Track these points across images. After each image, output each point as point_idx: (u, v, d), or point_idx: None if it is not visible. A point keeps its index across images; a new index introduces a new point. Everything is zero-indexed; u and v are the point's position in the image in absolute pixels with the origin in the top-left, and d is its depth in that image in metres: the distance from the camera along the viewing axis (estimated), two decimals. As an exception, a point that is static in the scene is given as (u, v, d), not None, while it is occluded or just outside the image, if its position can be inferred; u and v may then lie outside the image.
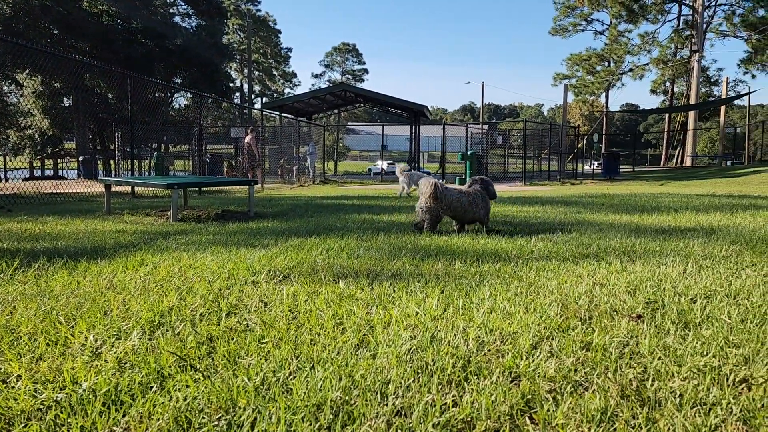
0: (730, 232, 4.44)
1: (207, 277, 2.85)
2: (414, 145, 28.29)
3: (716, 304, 2.24)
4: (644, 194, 10.20)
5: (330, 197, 10.77)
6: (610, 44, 46.72)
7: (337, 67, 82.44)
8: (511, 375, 1.58)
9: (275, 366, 1.64)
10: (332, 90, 28.66)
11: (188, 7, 40.49)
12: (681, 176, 23.89)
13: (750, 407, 1.33)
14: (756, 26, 42.18)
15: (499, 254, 3.52)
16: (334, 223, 5.49)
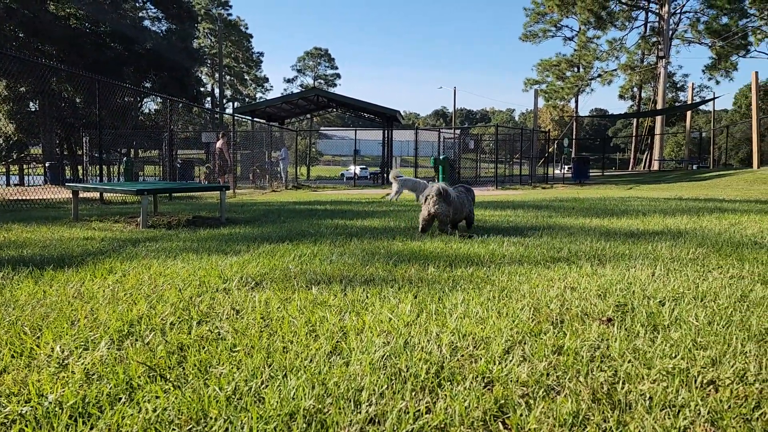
0: (696, 235, 4.53)
1: (177, 285, 2.80)
2: (387, 149, 28.34)
3: (684, 307, 2.28)
4: (614, 198, 10.36)
5: (303, 202, 10.72)
6: (579, 50, 47.49)
7: (310, 72, 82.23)
8: (484, 380, 1.59)
9: (247, 375, 1.62)
10: (304, 95, 28.58)
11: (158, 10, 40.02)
12: (649, 180, 24.35)
13: (717, 408, 1.35)
14: (720, 33, 43.31)
15: (471, 259, 3.54)
16: (306, 228, 5.46)
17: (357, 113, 30.58)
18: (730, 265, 3.18)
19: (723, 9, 43.03)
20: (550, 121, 67.18)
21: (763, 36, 46.84)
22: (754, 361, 1.64)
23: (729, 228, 4.94)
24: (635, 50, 46.99)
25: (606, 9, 43.92)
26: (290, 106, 28.41)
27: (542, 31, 49.43)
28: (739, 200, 9.12)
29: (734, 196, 10.54)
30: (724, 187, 15.99)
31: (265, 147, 21.93)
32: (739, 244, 3.96)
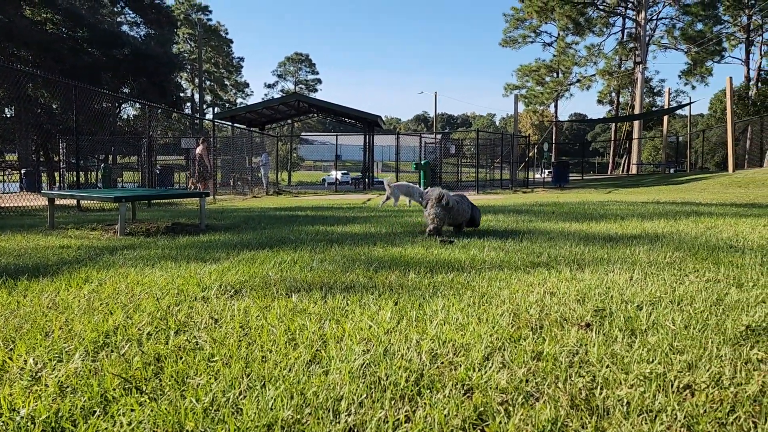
0: (673, 238, 4.58)
1: (155, 294, 2.77)
2: (368, 154, 28.37)
3: (661, 311, 2.30)
4: (593, 202, 10.46)
5: (283, 208, 10.68)
6: (559, 56, 48.03)
7: (291, 77, 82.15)
8: (464, 388, 1.58)
9: (225, 385, 1.60)
10: (285, 100, 28.50)
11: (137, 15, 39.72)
12: (627, 184, 24.64)
13: (693, 413, 1.37)
14: (695, 39, 44.08)
15: (452, 264, 3.54)
16: (287, 235, 5.44)
17: (338, 118, 30.57)
18: (706, 268, 3.22)
19: (698, 16, 43.84)
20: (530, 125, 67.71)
21: (736, 42, 47.80)
22: (729, 364, 1.66)
23: (705, 231, 5.01)
24: (613, 56, 47.65)
25: (584, 15, 44.52)
26: (271, 112, 28.32)
27: (522, 37, 49.94)
28: (715, 203, 9.25)
29: (710, 200, 10.70)
30: (700, 190, 16.23)
31: (246, 152, 21.83)
32: (715, 247, 4.02)
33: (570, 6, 43.10)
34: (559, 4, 43.34)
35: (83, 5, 31.79)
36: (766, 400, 1.42)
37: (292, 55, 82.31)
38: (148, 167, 15.23)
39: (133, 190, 9.91)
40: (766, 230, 4.91)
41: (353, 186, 33.21)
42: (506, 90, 51.32)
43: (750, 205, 8.61)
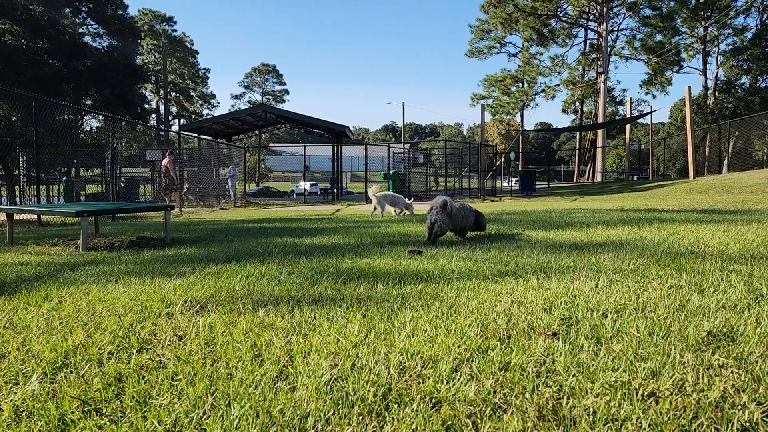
0: (637, 245, 4.67)
1: (118, 311, 2.70)
2: (337, 165, 28.34)
3: (626, 319, 2.33)
4: (559, 210, 10.61)
5: (251, 220, 10.57)
6: (524, 66, 48.83)
7: (258, 88, 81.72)
8: (432, 401, 1.57)
9: (188, 405, 1.56)
10: (252, 111, 28.31)
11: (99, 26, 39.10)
12: (593, 191, 25.08)
13: (658, 421, 1.38)
14: (654, 50, 45.25)
15: (420, 275, 3.54)
16: (254, 247, 5.38)
17: (306, 129, 30.49)
18: (669, 275, 3.28)
19: (657, 27, 45.07)
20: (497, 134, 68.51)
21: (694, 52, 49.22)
22: (691, 371, 1.69)
23: (668, 238, 5.11)
24: (576, 66, 48.65)
25: (547, 26, 45.38)
26: (238, 123, 28.11)
27: (487, 48, 50.66)
28: (676, 210, 9.47)
29: (672, 206, 10.95)
30: (663, 197, 16.61)
31: (213, 164, 21.59)
32: (677, 253, 4.10)
33: (533, 17, 43.90)
34: (522, 15, 44.13)
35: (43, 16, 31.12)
36: (728, 405, 1.44)
37: (259, 66, 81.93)
38: (112, 180, 14.93)
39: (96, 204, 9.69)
40: (726, 236, 5.04)
41: (322, 197, 33.11)
42: (473, 100, 51.95)
43: (710, 211, 8.84)
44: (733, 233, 5.20)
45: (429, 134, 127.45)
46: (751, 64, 46.08)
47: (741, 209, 9.23)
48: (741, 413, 1.40)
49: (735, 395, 1.50)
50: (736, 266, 3.45)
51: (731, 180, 18.38)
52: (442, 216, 5.34)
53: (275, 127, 33.72)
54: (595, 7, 43.12)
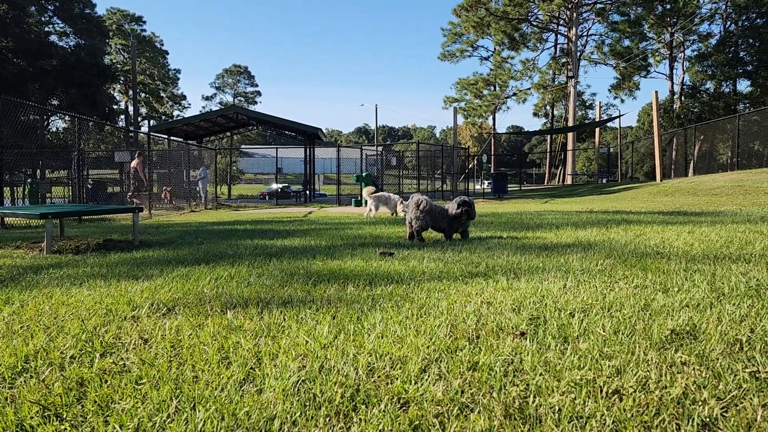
0: (605, 246, 4.74)
1: (81, 315, 2.64)
2: (309, 167, 28.22)
3: (592, 318, 2.36)
4: (530, 212, 10.73)
5: (222, 222, 10.46)
6: (495, 70, 49.29)
7: (229, 90, 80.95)
8: (400, 401, 1.57)
9: (152, 409, 1.53)
10: (223, 112, 28.05)
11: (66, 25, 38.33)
12: (563, 194, 25.41)
13: (621, 418, 1.40)
14: (623, 55, 46.08)
15: (391, 276, 3.54)
16: (225, 249, 5.32)
17: (278, 131, 30.31)
18: (635, 275, 3.34)
19: (625, 32, 45.93)
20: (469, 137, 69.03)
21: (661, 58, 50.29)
22: (655, 368, 1.71)
23: (634, 239, 5.20)
24: (547, 70, 49.30)
25: (518, 31, 45.89)
26: (209, 124, 27.82)
27: (459, 51, 50.99)
28: (643, 212, 9.65)
29: (640, 208, 11.16)
30: (630, 199, 16.90)
31: (184, 166, 21.32)
32: (643, 254, 4.17)
33: (505, 22, 44.36)
34: (494, 19, 44.55)
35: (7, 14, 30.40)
36: (689, 402, 1.47)
37: (230, 67, 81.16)
38: (79, 182, 14.64)
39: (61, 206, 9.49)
40: (690, 237, 5.15)
41: (294, 199, 32.94)
42: (446, 103, 52.22)
43: (676, 213, 9.02)
44: (698, 234, 5.32)
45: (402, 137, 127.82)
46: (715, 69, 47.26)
47: (706, 211, 9.45)
48: (701, 409, 1.42)
49: (696, 392, 1.53)
50: (699, 266, 3.52)
51: (696, 183, 18.80)
52: (416, 213, 5.45)
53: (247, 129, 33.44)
54: (565, 12, 43.76)
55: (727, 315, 2.29)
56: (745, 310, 2.36)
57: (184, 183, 21.36)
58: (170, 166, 21.00)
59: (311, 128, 26.93)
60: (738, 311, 2.34)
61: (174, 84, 70.82)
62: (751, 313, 2.31)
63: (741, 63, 47.64)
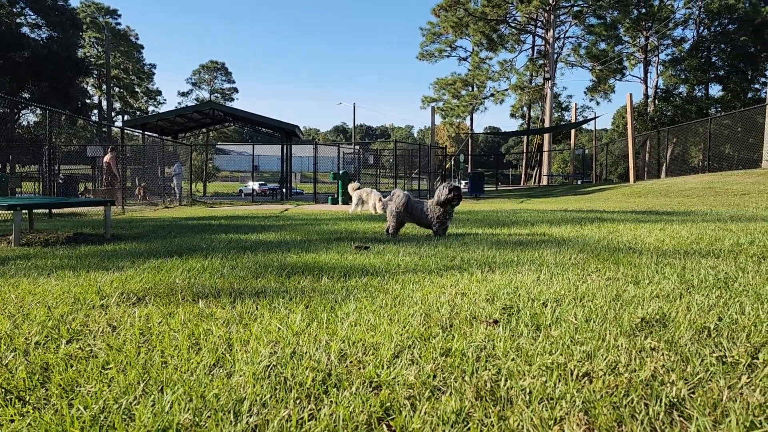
0: (578, 242, 4.79)
1: (48, 303, 2.59)
2: (286, 165, 28.06)
3: (565, 307, 2.38)
4: (505, 210, 10.80)
5: (197, 218, 10.35)
6: (473, 70, 49.54)
7: (206, 86, 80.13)
8: (372, 385, 1.56)
9: (118, 392, 1.50)
10: (199, 108, 27.74)
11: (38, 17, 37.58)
12: (539, 194, 25.64)
13: (591, 398, 1.41)
14: (598, 58, 46.68)
15: (366, 269, 3.53)
16: (198, 243, 5.26)
17: (255, 128, 30.07)
18: (607, 268, 3.37)
19: (601, 36, 46.53)
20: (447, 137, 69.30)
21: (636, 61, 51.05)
22: (625, 353, 1.73)
23: (608, 236, 5.26)
24: (524, 72, 49.71)
25: (497, 32, 46.19)
26: (184, 120, 27.48)
27: (438, 51, 51.16)
28: (617, 211, 9.78)
29: (613, 208, 11.30)
30: (604, 200, 17.12)
31: (158, 162, 21.04)
32: (616, 249, 4.22)
33: (483, 22, 44.62)
34: (473, 20, 44.77)
35: (-22, 4, 29.75)
36: (657, 383, 1.48)
37: (207, 63, 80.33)
38: (49, 176, 14.35)
39: (29, 198, 9.29)
40: (662, 234, 5.22)
41: (271, 196, 32.73)
42: (424, 102, 52.38)
43: (648, 212, 9.16)
44: (669, 231, 5.40)
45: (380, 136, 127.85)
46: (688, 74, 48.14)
47: (677, 211, 9.61)
48: (669, 389, 1.44)
49: (665, 374, 1.55)
50: (670, 260, 3.57)
51: (669, 184, 19.12)
52: (399, 208, 5.45)
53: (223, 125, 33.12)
54: (542, 15, 44.16)
55: (696, 305, 2.32)
56: (713, 300, 2.40)
57: (159, 179, 21.07)
58: (144, 161, 20.70)
59: (288, 125, 26.77)
60: (707, 301, 2.38)
61: (149, 79, 69.86)
62: (719, 303, 2.35)
63: (713, 68, 48.62)
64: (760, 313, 2.15)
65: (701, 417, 1.28)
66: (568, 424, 1.29)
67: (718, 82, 49.34)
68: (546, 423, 1.30)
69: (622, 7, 44.04)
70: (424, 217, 5.53)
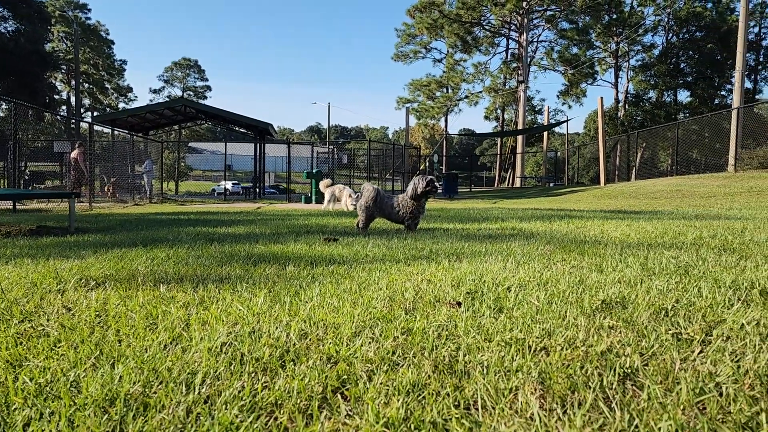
0: (546, 235, 4.83)
1: (2, 287, 2.51)
2: (259, 164, 27.85)
3: (528, 291, 2.39)
4: (478, 209, 10.87)
5: (166, 213, 10.20)
6: (448, 72, 49.76)
7: (178, 83, 79.06)
8: (330, 360, 1.55)
9: (68, 366, 1.46)
10: (171, 105, 27.38)
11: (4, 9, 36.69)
12: (511, 195, 25.87)
13: (547, 370, 1.41)
14: (571, 62, 47.29)
15: (334, 259, 3.51)
16: (165, 235, 5.18)
17: (228, 126, 29.80)
18: (573, 258, 3.41)
19: (573, 40, 47.16)
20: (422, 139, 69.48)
21: (607, 66, 51.86)
22: (583, 330, 1.74)
23: (575, 230, 5.32)
24: (498, 74, 50.08)
25: (471, 34, 46.47)
26: (156, 116, 27.11)
27: (413, 52, 51.27)
28: (587, 210, 9.91)
29: (584, 208, 11.45)
30: (576, 201, 17.34)
31: (128, 159, 20.70)
32: (582, 241, 4.27)
33: (458, 25, 44.85)
34: (447, 22, 44.99)
35: (-59, -5, 28.93)
36: (612, 356, 1.50)
37: (180, 61, 79.25)
38: (14, 172, 14.02)
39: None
40: (628, 228, 5.30)
41: (244, 195, 32.44)
42: (398, 103, 52.46)
43: (617, 212, 9.30)
44: (635, 227, 5.48)
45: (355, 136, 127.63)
46: (657, 79, 49.10)
47: (645, 210, 9.77)
48: (624, 361, 1.45)
49: (620, 348, 1.56)
50: (634, 251, 3.62)
51: (638, 187, 19.45)
52: (368, 203, 5.44)
53: (196, 123, 32.73)
54: (516, 18, 44.57)
55: (656, 288, 2.35)
56: (672, 285, 2.43)
57: (129, 176, 20.73)
58: (114, 158, 20.35)
59: (262, 123, 26.58)
60: (666, 285, 2.41)
61: (120, 75, 68.72)
62: (678, 287, 2.39)
63: (681, 74, 49.67)
64: (717, 296, 2.19)
65: (653, 385, 1.29)
66: (523, 392, 1.29)
67: (686, 88, 50.43)
68: (501, 392, 1.29)
69: (594, 13, 44.71)
70: (394, 213, 5.49)
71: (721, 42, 45.91)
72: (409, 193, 5.37)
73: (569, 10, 44.02)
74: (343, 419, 1.19)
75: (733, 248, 3.68)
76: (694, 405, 1.20)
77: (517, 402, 1.25)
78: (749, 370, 1.38)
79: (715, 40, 46.43)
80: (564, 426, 1.13)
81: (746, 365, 1.41)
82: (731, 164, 20.90)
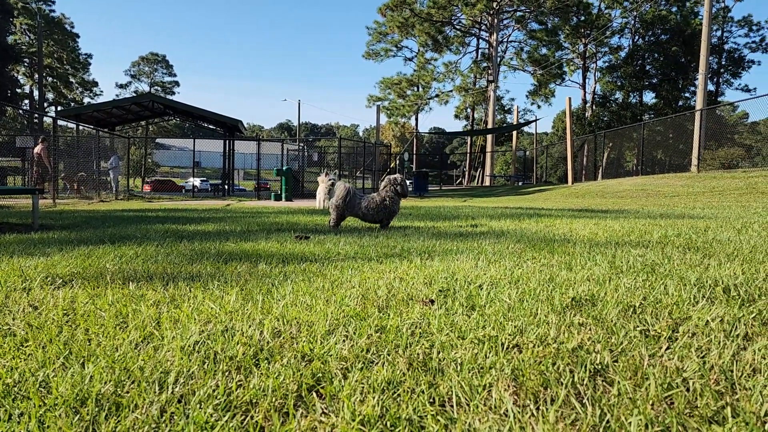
0: (516, 233, 4.89)
1: (-35, 286, 2.44)
2: (229, 161, 27.55)
3: (500, 289, 2.42)
4: (448, 207, 10.93)
5: (133, 210, 10.03)
6: (419, 70, 49.91)
7: (145, 78, 77.75)
8: (305, 358, 1.54)
9: (36, 366, 1.43)
10: (138, 100, 26.90)
11: (-36, -1, 35.59)
12: (481, 194, 26.09)
13: (520, 366, 1.43)
14: (540, 62, 47.88)
15: (306, 257, 3.50)
16: (133, 232, 5.09)
17: (197, 122, 29.40)
18: (542, 256, 3.46)
19: (542, 41, 47.74)
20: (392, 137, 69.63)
21: (575, 67, 52.66)
22: (554, 327, 1.77)
23: (544, 229, 5.40)
24: (468, 74, 50.43)
25: (442, 33, 46.70)
26: (122, 112, 26.60)
27: (384, 51, 51.27)
28: (555, 209, 10.05)
29: (552, 207, 11.62)
30: (544, 199, 17.58)
31: (94, 154, 20.27)
32: (552, 240, 4.33)
33: (429, 24, 45.02)
34: (418, 21, 45.11)
35: None
36: (583, 352, 1.53)
37: (147, 55, 77.96)
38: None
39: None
40: (596, 227, 5.40)
41: (212, 193, 32.07)
42: (369, 101, 52.40)
43: (584, 210, 9.45)
44: (602, 225, 5.58)
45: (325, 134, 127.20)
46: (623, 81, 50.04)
47: (611, 209, 9.95)
48: (594, 358, 1.48)
49: (590, 345, 1.60)
50: (602, 250, 3.69)
51: (605, 186, 19.80)
52: (338, 201, 5.42)
53: (163, 118, 32.19)
54: (486, 18, 44.94)
55: (624, 286, 2.40)
56: (640, 283, 2.49)
57: (94, 172, 20.31)
58: (79, 154, 19.92)
59: (231, 120, 26.30)
60: (634, 283, 2.46)
61: (85, 69, 67.20)
62: (645, 285, 2.44)
63: (647, 76, 50.72)
64: (683, 293, 2.24)
65: (623, 381, 1.32)
66: (497, 388, 1.30)
67: (651, 89, 51.52)
68: (476, 389, 1.31)
69: (563, 14, 45.32)
70: (368, 213, 5.50)
71: (685, 45, 47.02)
72: (381, 193, 5.43)
73: (539, 11, 44.53)
74: (319, 417, 1.19)
75: (697, 247, 3.77)
76: (662, 400, 1.23)
77: (491, 398, 1.27)
78: (714, 365, 1.42)
79: (679, 43, 47.52)
80: (537, 422, 1.15)
81: (711, 361, 1.46)
82: (694, 165, 21.42)
